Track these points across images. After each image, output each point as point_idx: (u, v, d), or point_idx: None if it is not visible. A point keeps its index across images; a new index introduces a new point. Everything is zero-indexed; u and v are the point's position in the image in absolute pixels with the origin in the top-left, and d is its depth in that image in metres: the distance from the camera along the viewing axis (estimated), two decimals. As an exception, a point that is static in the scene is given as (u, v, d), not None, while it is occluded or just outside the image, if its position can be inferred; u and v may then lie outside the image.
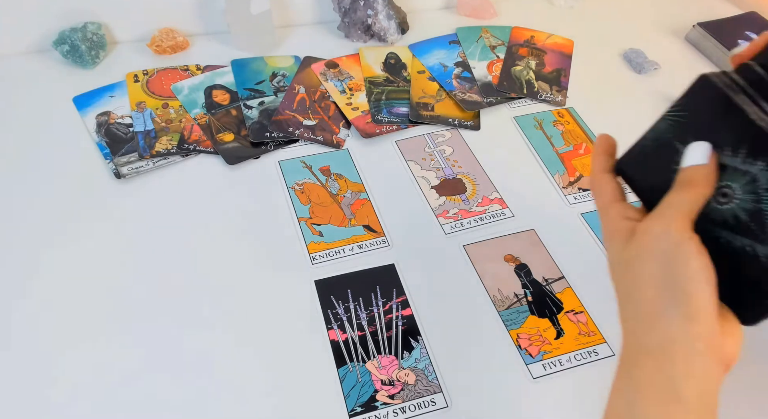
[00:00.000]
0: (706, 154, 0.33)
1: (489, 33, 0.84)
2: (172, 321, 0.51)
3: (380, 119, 0.70)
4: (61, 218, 0.59)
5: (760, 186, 0.31)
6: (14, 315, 0.51)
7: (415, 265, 0.56)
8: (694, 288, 0.31)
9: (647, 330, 0.32)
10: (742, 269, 0.32)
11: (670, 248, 0.32)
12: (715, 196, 0.33)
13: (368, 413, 0.47)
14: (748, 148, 0.32)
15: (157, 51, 0.77)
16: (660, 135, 0.36)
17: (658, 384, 0.31)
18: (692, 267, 0.31)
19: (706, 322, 0.31)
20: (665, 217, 0.33)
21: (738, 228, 0.32)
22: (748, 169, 0.32)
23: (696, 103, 0.34)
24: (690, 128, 0.35)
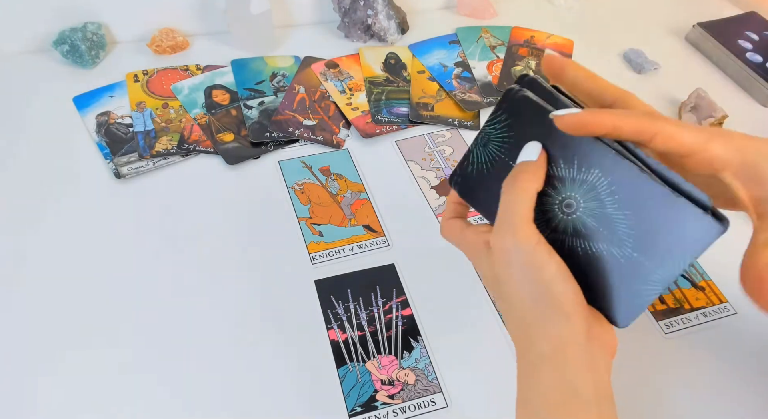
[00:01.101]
0: (536, 151, 0.34)
1: (489, 33, 0.84)
2: (172, 320, 0.51)
3: (380, 119, 0.70)
4: (61, 218, 0.59)
5: (601, 192, 0.33)
6: (13, 314, 0.51)
7: (415, 265, 0.56)
8: (559, 290, 0.32)
9: (538, 336, 0.33)
10: (602, 273, 0.33)
11: (525, 259, 0.33)
12: (561, 208, 0.34)
13: (368, 413, 0.47)
14: (579, 158, 0.33)
15: (157, 51, 0.77)
16: (494, 157, 0.37)
17: (558, 386, 0.32)
18: (550, 271, 0.32)
19: (581, 316, 0.32)
20: (508, 228, 0.33)
21: (588, 235, 0.33)
22: (585, 177, 0.33)
23: (519, 122, 0.35)
24: (521, 147, 0.35)
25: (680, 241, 0.30)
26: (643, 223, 0.31)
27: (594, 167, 0.33)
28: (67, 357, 0.49)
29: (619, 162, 0.32)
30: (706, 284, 0.56)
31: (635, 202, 0.31)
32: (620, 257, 0.32)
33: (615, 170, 0.32)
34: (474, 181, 0.39)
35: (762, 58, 0.81)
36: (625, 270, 0.32)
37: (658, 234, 0.31)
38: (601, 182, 0.32)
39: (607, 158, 0.32)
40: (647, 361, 0.50)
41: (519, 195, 0.34)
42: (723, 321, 0.53)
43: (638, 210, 0.31)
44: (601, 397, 0.32)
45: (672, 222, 0.30)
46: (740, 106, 0.77)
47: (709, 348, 0.51)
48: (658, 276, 0.31)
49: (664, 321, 0.53)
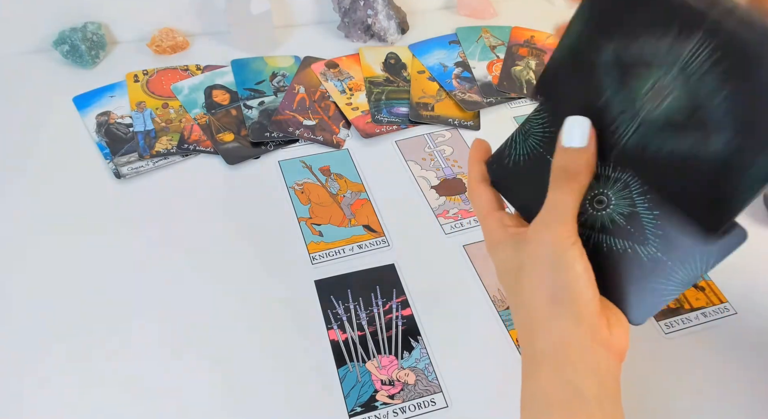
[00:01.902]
0: (586, 133, 0.32)
1: (489, 33, 0.84)
2: (171, 320, 0.51)
3: (380, 119, 0.70)
4: (61, 218, 0.59)
5: (633, 191, 0.33)
6: (11, 315, 0.51)
7: (415, 265, 0.56)
8: (578, 291, 0.32)
9: (542, 335, 0.33)
10: (624, 270, 0.33)
11: (559, 254, 0.32)
12: (592, 203, 0.34)
13: (368, 413, 0.47)
14: (615, 157, 0.33)
15: (157, 51, 0.77)
16: (532, 151, 0.37)
17: (561, 388, 0.32)
18: (577, 271, 0.32)
19: (591, 320, 0.32)
20: (553, 224, 0.33)
21: (616, 232, 0.33)
22: (619, 176, 0.33)
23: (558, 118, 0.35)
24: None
25: (704, 245, 0.31)
26: (671, 225, 0.32)
27: (628, 168, 0.33)
28: (66, 358, 0.49)
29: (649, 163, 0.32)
30: (706, 284, 0.56)
31: (665, 204, 0.32)
32: (644, 256, 0.33)
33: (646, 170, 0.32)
34: (509, 171, 0.38)
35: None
36: (647, 268, 0.33)
37: (683, 236, 0.31)
38: (635, 181, 0.33)
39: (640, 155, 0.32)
40: (647, 361, 0.50)
41: (569, 191, 0.33)
42: (723, 321, 0.53)
43: (668, 212, 0.32)
44: (605, 400, 0.32)
45: None
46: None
47: (709, 348, 0.51)
48: (679, 277, 0.32)
49: (664, 321, 0.53)
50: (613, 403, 0.32)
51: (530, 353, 0.34)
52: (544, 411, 0.32)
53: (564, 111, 0.34)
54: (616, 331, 0.33)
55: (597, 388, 0.32)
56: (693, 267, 0.31)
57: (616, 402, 0.33)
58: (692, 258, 0.31)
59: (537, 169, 0.36)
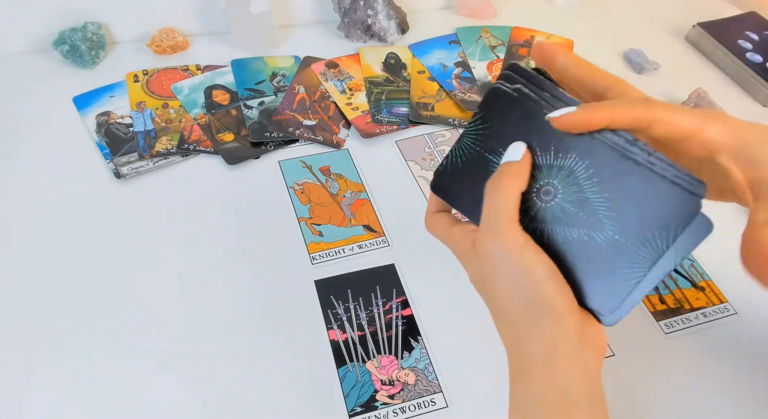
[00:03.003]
0: (520, 152, 0.34)
1: (489, 33, 0.84)
2: (171, 320, 0.51)
3: (380, 119, 0.70)
4: (61, 218, 0.59)
5: (579, 176, 0.32)
6: (12, 315, 0.51)
7: (415, 265, 0.56)
8: (550, 291, 0.32)
9: (530, 339, 0.33)
10: (588, 259, 0.33)
11: (513, 263, 0.33)
12: (539, 195, 0.34)
13: (368, 413, 0.47)
14: (555, 144, 0.33)
15: (157, 51, 0.77)
16: (468, 150, 0.37)
17: (551, 391, 0.32)
18: (541, 273, 0.32)
19: (572, 317, 0.32)
20: (494, 231, 0.33)
21: (570, 221, 0.33)
22: (562, 163, 0.33)
23: (494, 113, 0.35)
24: (496, 138, 0.35)
25: (660, 218, 0.30)
26: (622, 204, 0.31)
27: (571, 152, 0.33)
28: (65, 357, 0.49)
29: (594, 144, 0.32)
30: (706, 284, 0.56)
31: (613, 182, 0.31)
32: (602, 241, 0.32)
33: (591, 152, 0.32)
34: (449, 177, 0.38)
35: (762, 58, 0.81)
36: (607, 254, 0.32)
37: (637, 212, 0.31)
38: (579, 166, 0.32)
39: (583, 141, 0.32)
40: (647, 361, 0.50)
41: (502, 195, 0.33)
42: (723, 321, 0.53)
43: (616, 191, 0.31)
44: (593, 398, 0.32)
45: (650, 199, 0.30)
46: (740, 106, 0.77)
47: (709, 348, 0.51)
48: (641, 257, 0.31)
49: (664, 321, 0.53)
50: (600, 402, 0.32)
51: (519, 357, 0.34)
52: (534, 414, 0.32)
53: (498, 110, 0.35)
54: (596, 326, 0.34)
55: (585, 389, 0.32)
56: (653, 245, 0.31)
57: (602, 401, 0.33)
58: (650, 233, 0.31)
59: (475, 168, 0.36)
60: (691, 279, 0.57)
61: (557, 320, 0.32)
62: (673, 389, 0.49)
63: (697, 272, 0.57)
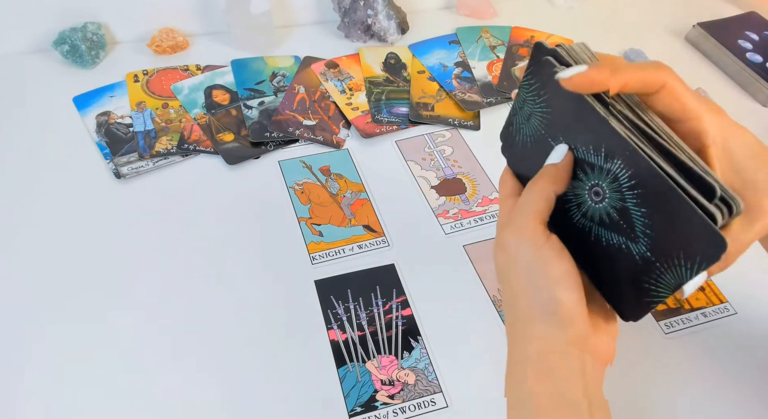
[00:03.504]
0: (561, 155, 0.34)
1: (489, 33, 0.84)
2: (171, 320, 0.51)
3: (380, 119, 0.70)
4: (61, 218, 0.59)
5: (622, 184, 0.32)
6: (11, 314, 0.51)
7: (415, 265, 0.56)
8: (560, 295, 0.32)
9: (526, 337, 0.33)
10: (620, 267, 0.33)
11: (530, 259, 0.33)
12: (590, 194, 0.34)
13: (368, 413, 0.47)
14: (605, 147, 0.32)
15: (157, 51, 0.77)
16: (535, 132, 0.37)
17: (545, 391, 0.32)
18: (553, 274, 0.32)
19: (578, 326, 0.32)
20: (517, 227, 0.33)
21: (612, 226, 0.33)
22: (610, 167, 0.32)
23: (557, 98, 0.35)
24: (557, 126, 0.35)
25: (691, 251, 0.30)
26: (659, 224, 0.31)
27: (617, 157, 0.32)
28: (65, 357, 0.49)
29: (638, 156, 0.30)
30: (706, 284, 0.56)
31: (653, 200, 0.30)
32: (635, 253, 0.32)
33: (636, 164, 0.31)
34: (520, 153, 0.39)
35: (762, 58, 0.81)
36: (639, 267, 0.32)
37: (671, 237, 0.30)
38: (623, 174, 0.32)
39: (628, 150, 0.31)
40: (647, 361, 0.50)
41: (535, 196, 0.33)
42: (723, 321, 0.53)
43: (655, 210, 0.31)
44: (593, 403, 0.32)
45: (683, 227, 0.29)
46: (740, 106, 0.77)
47: (709, 348, 0.51)
48: (666, 280, 0.31)
49: (664, 321, 0.53)
50: (600, 406, 0.32)
51: (515, 353, 0.34)
52: (532, 414, 0.32)
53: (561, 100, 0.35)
54: (603, 337, 0.33)
55: (583, 393, 0.32)
56: (680, 273, 0.30)
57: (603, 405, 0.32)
58: (679, 262, 0.30)
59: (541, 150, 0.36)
60: (691, 279, 0.57)
61: (559, 325, 0.32)
62: (673, 389, 0.49)
63: (697, 272, 0.57)
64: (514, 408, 0.34)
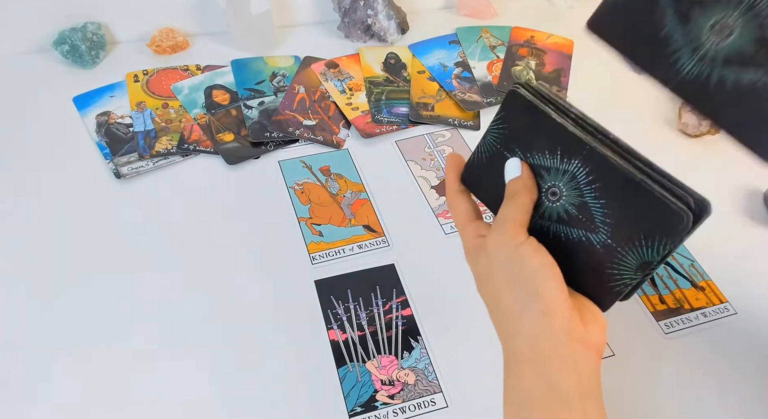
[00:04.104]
0: (518, 167, 0.37)
1: (489, 33, 0.84)
2: (171, 320, 0.51)
3: (380, 119, 0.70)
4: (61, 218, 0.59)
5: (580, 181, 0.34)
6: (11, 314, 0.51)
7: (415, 265, 0.56)
8: (540, 285, 0.33)
9: (515, 333, 0.34)
10: (582, 259, 0.35)
11: (509, 254, 0.35)
12: (547, 195, 0.36)
13: (368, 413, 0.47)
14: (562, 150, 0.35)
15: (157, 51, 0.77)
16: (490, 148, 0.39)
17: (539, 385, 0.32)
18: (531, 266, 0.34)
19: (562, 314, 0.33)
20: (500, 229, 0.36)
21: (570, 222, 0.35)
22: (567, 168, 0.34)
23: (512, 115, 0.37)
24: (513, 138, 0.37)
25: (648, 227, 0.32)
26: (617, 211, 0.33)
27: (575, 157, 0.34)
28: (64, 357, 0.49)
29: (596, 153, 0.33)
30: (706, 284, 0.56)
31: (610, 190, 0.33)
32: (597, 243, 0.34)
33: (593, 160, 0.33)
34: (476, 170, 0.40)
35: (762, 58, 0.81)
36: (602, 256, 0.34)
37: (628, 220, 0.32)
38: (581, 172, 0.34)
39: (586, 149, 0.33)
40: (647, 361, 0.50)
41: (513, 204, 0.36)
42: (723, 321, 0.53)
43: (613, 199, 0.33)
44: (585, 396, 0.32)
45: (640, 209, 0.32)
46: (740, 106, 0.77)
47: (709, 348, 0.51)
48: (629, 262, 0.33)
49: (664, 321, 0.53)
50: (593, 399, 0.33)
51: (509, 352, 0.35)
52: (525, 409, 0.33)
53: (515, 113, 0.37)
54: (592, 327, 0.34)
55: (576, 384, 0.32)
56: (639, 254, 0.32)
57: (596, 399, 0.33)
58: (640, 242, 0.32)
59: (496, 164, 0.38)
60: (691, 279, 0.57)
61: (542, 314, 0.33)
62: (673, 389, 0.49)
63: (697, 272, 0.57)
64: (509, 402, 0.34)
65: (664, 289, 0.56)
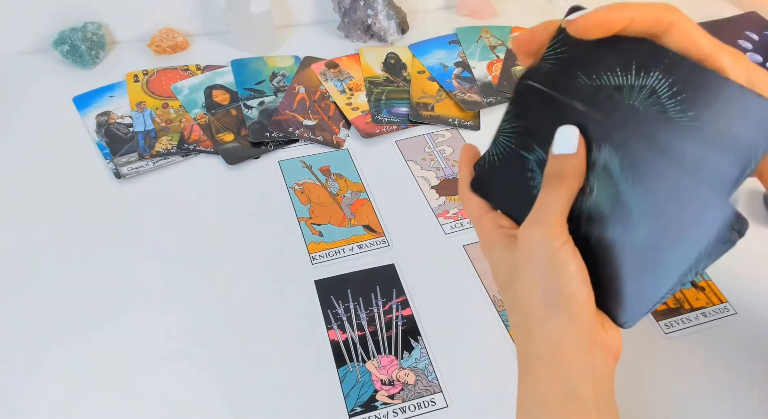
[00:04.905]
0: (574, 141, 0.32)
1: (489, 33, 0.84)
2: (171, 320, 0.51)
3: (380, 119, 0.70)
4: (61, 218, 0.59)
5: (613, 172, 0.31)
6: (11, 313, 0.51)
7: (415, 265, 0.56)
8: (573, 290, 0.32)
9: (538, 337, 0.33)
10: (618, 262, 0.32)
11: (550, 254, 0.32)
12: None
13: (368, 413, 0.47)
14: (588, 138, 0.32)
15: (157, 51, 0.77)
16: (504, 149, 0.36)
17: (557, 390, 0.32)
18: (570, 270, 0.32)
19: (588, 320, 0.32)
20: (542, 223, 0.33)
21: (604, 221, 0.32)
22: (597, 157, 0.32)
23: (525, 110, 0.35)
24: (529, 134, 0.35)
25: (695, 227, 0.29)
26: (657, 206, 0.30)
27: (605, 143, 0.31)
28: (64, 357, 0.49)
29: (627, 135, 0.30)
30: (706, 284, 0.56)
31: (649, 182, 0.30)
32: (634, 241, 0.31)
33: (625, 146, 0.30)
34: (488, 176, 0.38)
35: (762, 58, 0.81)
36: (637, 258, 0.31)
37: (673, 216, 0.29)
38: (613, 161, 0.31)
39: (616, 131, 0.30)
40: (647, 361, 0.50)
41: (560, 193, 0.33)
42: (723, 321, 0.53)
43: (652, 193, 0.30)
44: (601, 400, 0.32)
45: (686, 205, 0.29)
46: (740, 106, 0.77)
47: (709, 348, 0.51)
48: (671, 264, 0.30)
49: (664, 321, 0.53)
50: (608, 404, 0.32)
51: (526, 354, 0.34)
52: (540, 413, 0.32)
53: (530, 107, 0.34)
54: (612, 331, 0.33)
55: (593, 389, 0.32)
56: (685, 254, 0.29)
57: (611, 403, 0.33)
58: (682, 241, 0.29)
59: (512, 166, 0.36)
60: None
61: (570, 319, 0.32)
62: (674, 389, 0.49)
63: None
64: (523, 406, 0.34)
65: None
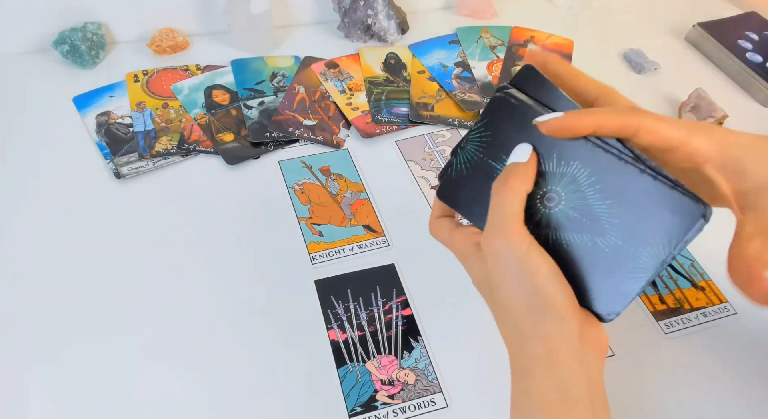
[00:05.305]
0: (526, 153, 0.34)
1: (489, 33, 0.84)
2: (171, 320, 0.51)
3: (380, 119, 0.70)
4: (61, 218, 0.59)
5: (582, 183, 0.33)
6: (9, 313, 0.51)
7: (415, 265, 0.56)
8: (552, 292, 0.32)
9: (532, 341, 0.33)
10: (591, 265, 0.33)
11: (518, 261, 0.33)
12: (542, 202, 0.34)
13: (368, 413, 0.47)
14: (557, 152, 0.34)
15: (157, 51, 0.77)
16: (472, 157, 0.37)
17: (552, 388, 0.32)
18: (543, 274, 0.32)
19: (574, 318, 0.32)
20: (500, 231, 0.34)
21: (575, 227, 0.33)
22: (565, 170, 0.33)
23: (497, 121, 0.36)
24: (499, 145, 0.36)
25: (663, 224, 0.31)
26: (625, 210, 0.32)
27: (573, 159, 0.33)
28: (64, 357, 0.49)
29: (596, 151, 0.32)
30: (706, 284, 0.56)
31: (616, 189, 0.32)
32: (605, 247, 0.33)
33: (594, 160, 0.32)
34: (454, 184, 0.39)
35: (762, 58, 0.81)
36: (610, 259, 0.32)
37: (640, 218, 0.31)
38: (581, 173, 0.33)
39: (585, 149, 0.32)
40: (647, 361, 0.50)
41: (509, 197, 0.34)
42: (723, 321, 0.53)
43: (619, 198, 0.32)
44: (594, 397, 0.32)
45: (653, 205, 0.31)
46: (740, 106, 0.77)
47: (709, 348, 0.51)
48: (644, 262, 0.31)
49: (664, 321, 0.53)
50: (602, 401, 0.33)
51: (521, 356, 0.34)
52: (536, 413, 0.32)
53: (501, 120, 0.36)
54: (597, 326, 0.34)
55: (587, 388, 0.32)
56: (657, 250, 0.31)
57: (604, 400, 0.33)
58: (653, 238, 0.31)
59: (480, 175, 0.37)
60: (691, 279, 0.57)
61: (559, 320, 0.32)
62: (673, 389, 0.49)
63: (697, 272, 0.57)
64: (518, 407, 0.34)
65: (664, 289, 0.56)
